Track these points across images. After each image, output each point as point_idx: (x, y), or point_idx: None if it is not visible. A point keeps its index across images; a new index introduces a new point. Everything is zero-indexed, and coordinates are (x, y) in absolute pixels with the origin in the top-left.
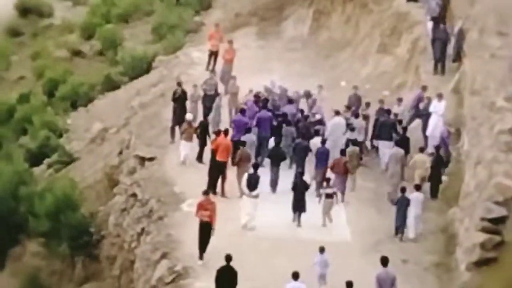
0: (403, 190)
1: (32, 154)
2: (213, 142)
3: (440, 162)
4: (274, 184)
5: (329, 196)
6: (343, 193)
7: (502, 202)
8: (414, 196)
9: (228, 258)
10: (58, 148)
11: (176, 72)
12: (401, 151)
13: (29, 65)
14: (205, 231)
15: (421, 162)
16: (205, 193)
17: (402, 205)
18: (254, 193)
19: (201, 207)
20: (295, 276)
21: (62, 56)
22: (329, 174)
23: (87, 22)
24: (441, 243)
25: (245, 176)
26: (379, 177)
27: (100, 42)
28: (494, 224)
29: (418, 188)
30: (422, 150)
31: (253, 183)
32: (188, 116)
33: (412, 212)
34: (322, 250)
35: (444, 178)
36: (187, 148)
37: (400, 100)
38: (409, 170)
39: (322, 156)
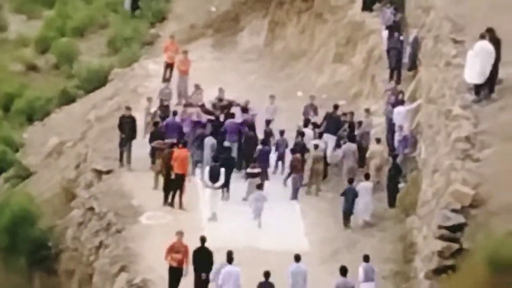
0: (350, 181)
1: None
2: (169, 154)
3: (397, 171)
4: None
5: (253, 175)
6: (297, 190)
7: (459, 210)
8: (363, 186)
9: (203, 239)
10: (15, 162)
11: (132, 85)
12: (353, 146)
13: None
14: (176, 276)
15: (377, 152)
16: (179, 233)
17: (349, 195)
18: (216, 184)
19: (172, 249)
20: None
21: (17, 70)
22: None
23: (42, 36)
24: (400, 251)
25: (207, 168)
26: (337, 187)
27: (56, 56)
28: (452, 232)
29: (367, 177)
30: (378, 140)
31: (215, 174)
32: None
33: (361, 201)
34: (297, 258)
35: (401, 185)
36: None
37: (367, 111)
38: (366, 161)
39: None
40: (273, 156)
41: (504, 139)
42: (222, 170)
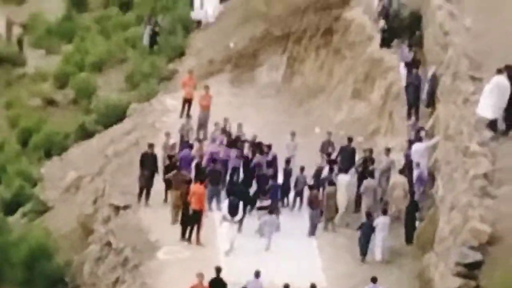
0: (368, 215)
1: (6, 203)
2: (186, 191)
3: (414, 208)
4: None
5: (263, 208)
6: (315, 227)
7: (477, 247)
8: (381, 221)
9: (218, 270)
10: (33, 197)
11: (150, 120)
12: (373, 182)
13: (3, 114)
14: None
15: (399, 183)
16: (200, 276)
17: (366, 230)
18: (235, 218)
19: None
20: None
21: (35, 105)
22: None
23: (60, 71)
24: None
25: (226, 201)
26: (356, 223)
27: (74, 91)
28: (470, 269)
29: (384, 212)
30: (401, 172)
31: (233, 208)
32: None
33: (379, 236)
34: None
35: (418, 223)
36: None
37: (388, 150)
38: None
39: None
40: (292, 193)
41: None
42: (241, 203)
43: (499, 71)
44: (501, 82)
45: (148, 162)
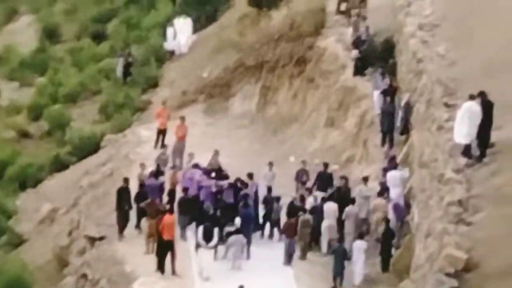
0: (340, 240)
1: None
2: (158, 221)
3: (390, 235)
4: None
5: (231, 233)
6: (291, 255)
7: (453, 274)
8: (357, 245)
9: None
10: (8, 229)
11: (125, 151)
12: (354, 209)
13: None
14: None
15: (380, 205)
16: None
17: (339, 254)
18: (210, 244)
19: None
20: None
21: (10, 137)
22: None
23: (34, 103)
24: None
25: (201, 228)
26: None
27: (48, 123)
28: None
29: (361, 236)
30: (380, 194)
31: (208, 234)
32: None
33: (356, 261)
34: None
35: (394, 251)
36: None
37: (365, 179)
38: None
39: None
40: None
41: (496, 203)
42: (216, 229)
43: (471, 97)
44: (471, 107)
45: (124, 197)
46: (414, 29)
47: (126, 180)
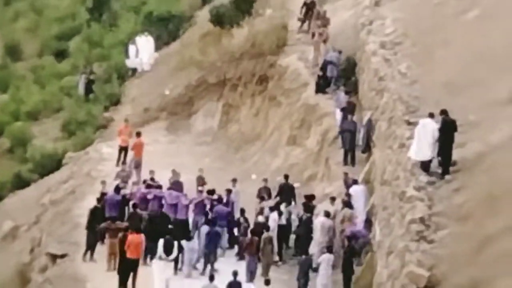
0: (305, 252)
1: None
2: (123, 239)
3: (351, 253)
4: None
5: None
6: (252, 273)
7: None
8: (326, 257)
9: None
10: None
11: (87, 168)
12: (329, 222)
13: None
14: None
15: (348, 215)
16: None
17: (304, 266)
18: (170, 257)
19: None
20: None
21: None
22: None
23: None
24: None
25: (161, 241)
26: (292, 269)
27: (9, 140)
28: None
29: (329, 249)
30: (346, 204)
31: (169, 247)
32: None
33: (323, 273)
34: None
35: (356, 268)
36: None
37: (333, 199)
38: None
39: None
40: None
41: (458, 220)
42: (175, 243)
43: (431, 115)
44: (427, 124)
45: (97, 217)
46: (376, 47)
47: (99, 200)
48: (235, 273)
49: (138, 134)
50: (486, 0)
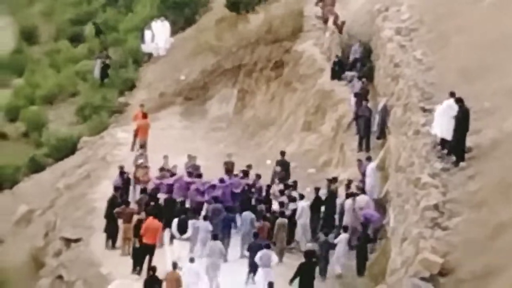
0: (326, 233)
1: None
2: (138, 225)
3: (366, 239)
4: None
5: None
6: None
7: (428, 278)
8: (343, 237)
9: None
10: None
11: (102, 153)
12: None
13: None
14: None
15: (364, 202)
16: None
17: (324, 247)
18: (184, 236)
19: None
20: None
21: None
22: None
23: (11, 104)
24: None
25: (175, 221)
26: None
27: (25, 124)
28: None
29: (345, 229)
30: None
31: (183, 227)
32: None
33: (339, 252)
34: None
35: (370, 254)
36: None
37: (348, 185)
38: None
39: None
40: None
41: (472, 207)
42: (190, 222)
43: (452, 95)
44: (450, 104)
45: (115, 206)
46: (391, 33)
47: (116, 189)
48: (255, 235)
49: (145, 115)
50: None
